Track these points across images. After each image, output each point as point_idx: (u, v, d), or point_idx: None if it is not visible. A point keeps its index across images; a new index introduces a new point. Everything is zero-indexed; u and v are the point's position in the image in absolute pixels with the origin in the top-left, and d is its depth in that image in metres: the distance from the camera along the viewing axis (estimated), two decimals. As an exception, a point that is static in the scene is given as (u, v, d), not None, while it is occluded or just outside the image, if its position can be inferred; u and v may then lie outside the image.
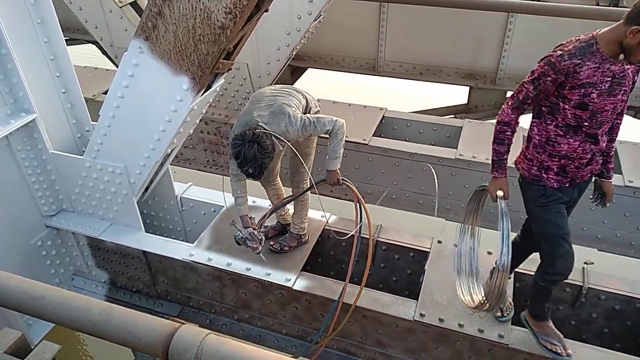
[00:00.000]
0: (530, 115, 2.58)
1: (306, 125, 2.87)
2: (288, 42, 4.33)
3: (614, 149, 2.70)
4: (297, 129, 2.87)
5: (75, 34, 6.87)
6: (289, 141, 2.95)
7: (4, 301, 1.80)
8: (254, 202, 3.75)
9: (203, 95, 2.98)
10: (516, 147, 2.68)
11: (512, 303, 2.96)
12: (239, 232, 3.05)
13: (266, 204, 3.70)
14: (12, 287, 1.79)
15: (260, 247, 3.06)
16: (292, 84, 3.52)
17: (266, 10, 2.69)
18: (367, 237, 3.06)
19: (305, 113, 3.10)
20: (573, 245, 2.56)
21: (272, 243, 3.41)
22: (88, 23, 4.91)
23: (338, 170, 3.01)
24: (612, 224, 4.13)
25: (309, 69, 6.57)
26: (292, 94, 3.05)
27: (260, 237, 3.06)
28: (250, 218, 3.13)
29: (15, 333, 1.96)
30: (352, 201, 3.08)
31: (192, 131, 3.37)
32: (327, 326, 3.02)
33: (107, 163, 3.30)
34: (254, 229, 3.06)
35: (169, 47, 2.70)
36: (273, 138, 2.83)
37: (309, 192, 3.29)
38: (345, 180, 3.03)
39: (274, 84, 4.09)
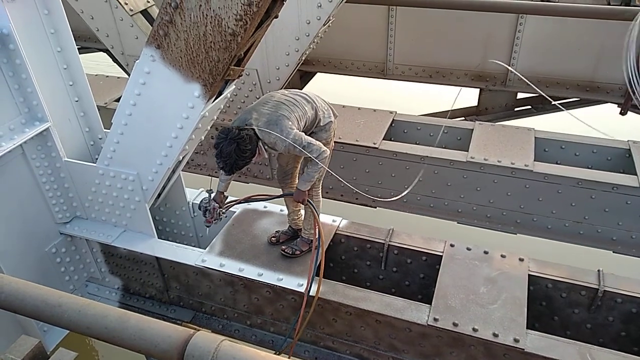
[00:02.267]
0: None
1: (295, 146, 2.93)
2: (297, 48, 4.34)
3: None
4: (286, 145, 2.93)
5: (86, 42, 6.96)
6: (276, 152, 3.03)
7: (22, 309, 1.82)
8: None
9: (214, 102, 3.00)
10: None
11: None
12: (207, 201, 3.29)
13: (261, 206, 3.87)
14: (30, 294, 1.81)
15: (212, 224, 3.35)
16: (301, 89, 3.55)
17: (276, 17, 2.71)
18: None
19: (313, 125, 3.15)
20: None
21: (283, 248, 3.41)
22: (99, 32, 4.97)
23: (307, 192, 3.15)
24: (628, 226, 4.07)
25: (318, 74, 6.58)
26: (299, 105, 3.05)
27: (220, 216, 3.34)
28: (224, 197, 3.34)
29: (32, 340, 1.98)
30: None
31: (203, 137, 3.38)
32: (296, 321, 3.11)
33: (120, 170, 3.33)
34: (220, 206, 3.31)
35: (181, 54, 2.72)
36: (260, 145, 2.93)
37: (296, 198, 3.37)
38: (310, 202, 3.18)
39: (285, 89, 4.11)
